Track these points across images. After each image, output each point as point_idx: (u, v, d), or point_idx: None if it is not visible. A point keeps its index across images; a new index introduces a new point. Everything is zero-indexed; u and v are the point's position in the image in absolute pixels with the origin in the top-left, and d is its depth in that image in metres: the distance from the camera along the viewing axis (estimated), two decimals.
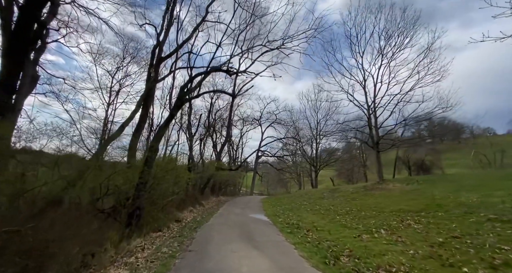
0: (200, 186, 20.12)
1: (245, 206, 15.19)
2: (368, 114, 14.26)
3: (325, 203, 12.08)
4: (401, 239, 5.10)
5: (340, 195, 13.46)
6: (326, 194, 15.21)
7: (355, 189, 13.93)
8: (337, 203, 11.34)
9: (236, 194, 30.08)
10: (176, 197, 13.53)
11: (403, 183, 11.79)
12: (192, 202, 14.87)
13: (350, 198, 11.89)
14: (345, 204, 10.51)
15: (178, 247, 5.77)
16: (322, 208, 10.81)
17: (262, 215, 11.12)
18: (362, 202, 10.15)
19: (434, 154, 46.40)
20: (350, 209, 9.30)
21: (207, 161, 25.87)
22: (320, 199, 13.76)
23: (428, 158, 41.71)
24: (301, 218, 9.33)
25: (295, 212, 11.17)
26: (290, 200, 16.42)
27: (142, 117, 11.70)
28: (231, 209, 13.41)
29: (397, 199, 9.06)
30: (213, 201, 18.36)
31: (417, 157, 42.09)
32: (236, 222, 9.19)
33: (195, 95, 9.47)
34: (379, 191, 11.40)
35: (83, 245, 4.55)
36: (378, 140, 13.83)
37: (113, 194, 7.33)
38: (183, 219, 10.64)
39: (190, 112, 22.12)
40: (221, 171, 21.74)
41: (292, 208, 12.56)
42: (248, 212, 12.22)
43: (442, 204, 7.19)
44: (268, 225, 8.58)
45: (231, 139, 33.33)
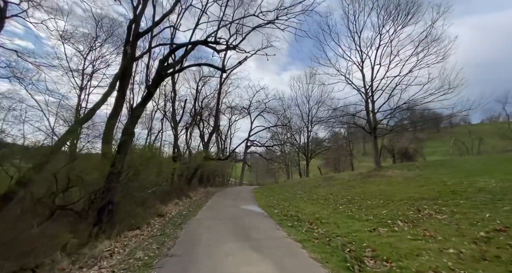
0: (187, 177, 18.85)
1: (236, 197, 14.21)
2: (366, 98, 13.45)
3: (322, 192, 11.32)
4: (428, 233, 4.26)
5: (336, 183, 12.76)
6: (321, 182, 14.51)
7: (351, 177, 13.29)
8: (335, 191, 10.59)
9: (225, 184, 29.11)
10: (160, 189, 12.27)
11: (403, 169, 11.22)
12: (178, 194, 13.66)
13: (348, 186, 11.18)
14: (344, 193, 9.76)
15: (157, 250, 4.64)
16: (320, 197, 10.01)
17: (256, 207, 10.18)
18: (364, 190, 9.42)
19: (417, 142, 47.74)
20: (352, 198, 8.52)
21: (194, 151, 24.52)
22: (315, 187, 13.02)
23: (411, 146, 42.94)
24: (299, 209, 8.45)
25: (291, 202, 10.31)
26: (283, 189, 15.62)
27: (118, 101, 10.13)
28: (221, 201, 12.38)
29: (403, 186, 8.37)
30: (201, 193, 17.23)
31: (400, 145, 43.23)
32: (228, 215, 8.16)
33: (177, 69, 8.09)
34: (379, 178, 10.75)
35: (21, 255, 3.31)
36: (375, 125, 13.12)
37: (77, 187, 5.98)
38: (166, 214, 9.46)
39: (174, 98, 20.48)
40: (209, 161, 20.51)
41: (287, 198, 11.72)
42: (240, 203, 11.24)
43: (458, 191, 6.51)
44: (264, 217, 7.62)
45: (219, 129, 31.92)
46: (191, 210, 9.96)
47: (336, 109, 14.86)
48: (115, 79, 9.64)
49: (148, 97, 7.61)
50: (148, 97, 7.61)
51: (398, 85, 12.98)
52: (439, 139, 55.73)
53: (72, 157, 5.48)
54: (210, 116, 29.17)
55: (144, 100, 7.54)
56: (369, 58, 14.25)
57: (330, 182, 13.85)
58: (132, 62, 11.12)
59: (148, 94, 7.49)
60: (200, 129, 26.55)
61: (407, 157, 40.88)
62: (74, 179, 5.65)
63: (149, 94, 7.55)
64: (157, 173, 12.49)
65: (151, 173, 10.95)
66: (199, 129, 26.49)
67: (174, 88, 20.62)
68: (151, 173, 11.03)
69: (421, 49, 12.31)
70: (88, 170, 5.87)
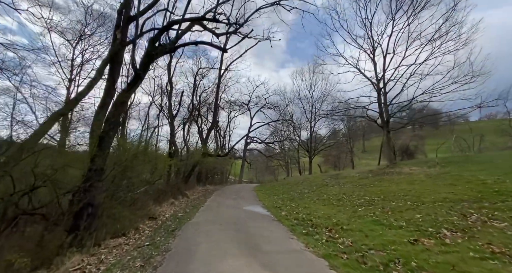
0: (184, 174, 17.80)
1: (237, 196, 13.18)
2: (378, 90, 12.38)
3: (332, 191, 10.30)
4: (497, 249, 3.24)
5: (346, 181, 11.75)
6: (328, 180, 13.50)
7: (362, 174, 12.28)
8: (347, 190, 9.58)
9: (224, 182, 28.10)
10: (153, 188, 11.21)
11: (421, 166, 10.21)
12: (174, 193, 12.61)
13: (361, 185, 10.17)
14: (359, 192, 8.74)
15: (140, 268, 3.59)
16: (332, 197, 8.99)
17: (260, 207, 9.15)
18: (382, 189, 8.41)
19: (418, 140, 46.98)
20: (370, 198, 7.50)
21: (192, 148, 23.41)
22: (323, 186, 12.00)
23: (412, 143, 42.20)
24: (310, 211, 7.43)
25: (299, 202, 9.30)
26: (286, 188, 14.61)
27: (107, 91, 8.99)
28: (221, 200, 11.34)
29: (430, 185, 7.36)
30: (199, 191, 16.19)
31: (401, 142, 42.46)
32: (229, 218, 7.12)
33: (169, 49, 6.96)
34: (395, 176, 9.74)
35: None
36: (388, 118, 12.08)
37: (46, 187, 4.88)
38: (160, 216, 8.41)
39: (171, 91, 19.33)
40: (208, 157, 19.43)
41: (293, 197, 10.70)
42: (241, 203, 10.20)
43: (503, 191, 5.50)
44: (271, 222, 6.58)
45: (217, 125, 30.82)
46: (187, 212, 8.91)
47: (345, 102, 13.79)
48: (103, 65, 8.40)
49: (136, 81, 6.49)
50: (135, 82, 6.49)
51: (413, 74, 11.92)
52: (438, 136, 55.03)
53: (31, 150, 4.36)
54: (208, 111, 28.05)
55: (130, 84, 6.43)
56: (381, 47, 13.17)
57: (338, 180, 12.84)
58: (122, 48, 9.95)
59: (135, 77, 6.37)
60: (198, 125, 25.45)
61: (408, 154, 40.24)
62: (41, 177, 4.56)
63: (137, 78, 6.43)
64: (150, 170, 11.43)
65: (143, 170, 9.88)
66: (197, 124, 25.38)
67: (171, 80, 19.48)
68: (143, 170, 9.96)
69: (439, 35, 11.22)
70: (59, 166, 4.76)
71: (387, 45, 12.78)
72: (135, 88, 6.79)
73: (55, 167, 4.78)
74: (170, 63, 19.33)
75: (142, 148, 10.13)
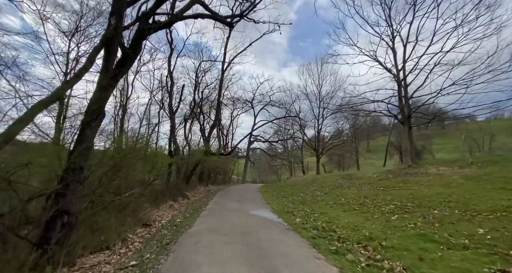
0: (185, 174, 16.75)
1: (242, 197, 12.12)
2: (398, 81, 11.19)
3: (349, 193, 9.17)
4: None
5: (363, 183, 10.61)
6: (341, 181, 12.36)
7: (379, 175, 11.12)
8: (368, 193, 8.44)
9: (227, 182, 27.05)
10: (151, 189, 10.18)
11: (451, 166, 9.03)
12: (174, 194, 11.57)
13: (382, 187, 9.03)
14: (384, 195, 7.60)
15: None
16: (351, 201, 7.86)
17: (269, 212, 8.06)
18: (411, 192, 7.26)
19: (425, 139, 45.40)
20: (402, 204, 6.36)
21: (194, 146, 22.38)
22: (337, 188, 10.87)
23: (420, 142, 40.78)
24: (330, 219, 6.32)
25: (313, 207, 8.19)
26: (295, 189, 13.50)
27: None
28: (225, 203, 10.27)
29: (476, 189, 6.21)
30: (200, 192, 15.15)
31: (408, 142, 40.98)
32: (235, 226, 6.04)
33: (164, 23, 5.90)
34: (423, 177, 8.58)
35: None
36: (409, 113, 10.89)
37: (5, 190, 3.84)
38: (155, 221, 7.36)
39: (172, 85, 18.28)
40: (211, 156, 18.37)
41: (305, 200, 9.58)
42: (247, 206, 9.13)
43: None
44: (286, 232, 5.49)
45: (220, 123, 29.79)
46: (187, 217, 7.85)
47: (358, 96, 12.59)
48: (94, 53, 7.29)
49: (124, 62, 5.42)
50: (124, 62, 5.42)
51: (437, 64, 10.70)
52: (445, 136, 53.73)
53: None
54: (211, 109, 27.02)
55: (117, 65, 5.36)
56: (400, 35, 11.97)
57: (353, 181, 11.70)
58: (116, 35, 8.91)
59: (123, 57, 5.32)
60: (200, 122, 24.44)
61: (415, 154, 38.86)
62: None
63: (125, 58, 5.37)
64: (147, 170, 10.40)
65: (139, 170, 8.85)
66: (199, 122, 24.36)
67: (171, 75, 18.46)
68: (139, 169, 8.94)
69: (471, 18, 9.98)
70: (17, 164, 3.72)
71: (407, 33, 11.58)
72: (123, 72, 5.73)
73: (17, 165, 3.73)
74: (171, 56, 18.33)
75: (139, 144, 9.10)
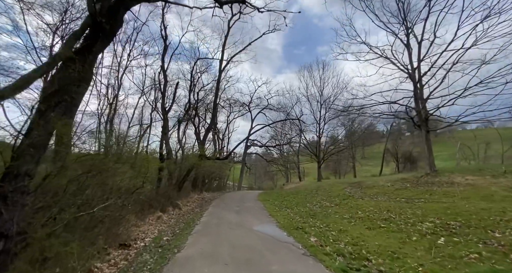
0: (177, 180, 15.33)
1: (241, 207, 10.80)
2: (414, 81, 10.24)
3: (365, 205, 7.99)
4: None
5: (377, 192, 9.47)
6: (349, 190, 11.20)
7: (394, 184, 10.01)
8: (389, 206, 7.27)
9: (222, 188, 25.59)
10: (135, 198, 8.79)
11: (482, 174, 7.99)
12: (163, 203, 10.18)
13: (403, 198, 7.90)
14: (410, 209, 6.44)
15: None
16: (372, 216, 6.68)
17: (275, 227, 6.79)
18: (442, 206, 6.13)
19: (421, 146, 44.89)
20: (440, 222, 5.21)
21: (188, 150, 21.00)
22: (348, 198, 9.68)
23: (416, 150, 40.29)
24: (353, 238, 5.11)
25: (325, 220, 6.97)
26: (299, 198, 12.26)
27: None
28: (222, 215, 8.94)
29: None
30: (194, 200, 13.75)
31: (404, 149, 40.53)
32: (237, 250, 4.76)
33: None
34: (450, 188, 7.50)
35: None
36: (426, 115, 9.91)
37: None
38: (138, 239, 5.99)
39: (165, 84, 17.05)
40: (206, 161, 17.03)
41: (315, 213, 8.35)
42: (249, 220, 7.83)
43: None
44: (305, 260, 4.23)
45: (216, 127, 28.54)
46: (177, 233, 6.51)
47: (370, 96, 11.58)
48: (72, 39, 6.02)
49: (96, 34, 4.17)
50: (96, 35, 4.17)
51: (456, 63, 9.81)
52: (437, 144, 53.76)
53: None
54: (206, 112, 25.80)
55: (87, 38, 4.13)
56: (413, 33, 11.11)
57: (364, 190, 10.55)
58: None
59: (95, 28, 4.08)
60: (195, 125, 23.14)
61: (410, 161, 38.36)
62: None
63: (98, 30, 4.13)
64: (133, 176, 9.03)
65: (121, 176, 7.50)
66: (194, 125, 23.07)
67: (165, 73, 17.27)
68: (120, 175, 7.59)
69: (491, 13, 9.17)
70: None
71: (422, 29, 10.73)
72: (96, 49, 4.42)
73: None
74: (165, 53, 17.19)
75: (121, 145, 7.78)
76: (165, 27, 17.08)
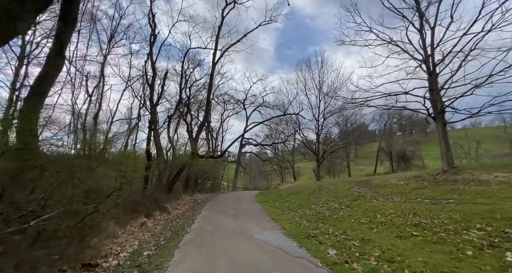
0: (168, 180, 13.98)
1: (237, 210, 9.60)
2: (429, 70, 9.30)
3: (382, 207, 6.94)
4: None
5: (391, 192, 8.47)
6: (358, 189, 10.18)
7: (409, 182, 9.04)
8: (413, 208, 6.24)
9: (217, 189, 24.29)
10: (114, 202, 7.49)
11: (509, 171, 7.10)
12: (149, 207, 8.89)
13: (427, 198, 6.90)
14: (443, 213, 5.43)
15: None
16: (396, 220, 5.63)
17: (280, 235, 5.65)
18: (484, 208, 5.13)
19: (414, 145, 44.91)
20: (492, 229, 4.19)
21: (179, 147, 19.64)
22: (359, 198, 8.64)
23: (409, 149, 40.06)
24: (384, 251, 4.02)
25: (339, 226, 5.88)
26: (301, 198, 11.16)
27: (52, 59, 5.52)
28: (217, 219, 7.72)
29: None
30: (185, 202, 12.45)
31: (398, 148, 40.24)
32: (238, 269, 3.59)
33: None
34: (483, 186, 6.53)
35: None
36: (442, 107, 8.99)
37: None
38: (110, 255, 4.73)
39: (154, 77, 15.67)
40: (198, 159, 15.73)
41: (324, 216, 7.25)
42: (248, 226, 6.66)
43: None
44: None
45: (210, 125, 27.21)
46: (161, 246, 5.27)
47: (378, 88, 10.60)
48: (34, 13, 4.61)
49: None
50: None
51: (474, 49, 8.92)
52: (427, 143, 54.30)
53: None
54: (199, 110, 24.45)
55: None
56: (425, 18, 10.20)
57: (375, 189, 9.54)
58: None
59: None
60: (188, 122, 21.77)
61: (404, 160, 38.09)
62: None
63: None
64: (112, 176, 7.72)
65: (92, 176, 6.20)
66: (186, 122, 21.71)
67: (154, 65, 15.88)
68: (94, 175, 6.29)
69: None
70: None
71: (435, 13, 9.82)
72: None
73: None
74: (153, 44, 15.85)
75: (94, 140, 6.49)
76: (153, 15, 15.77)
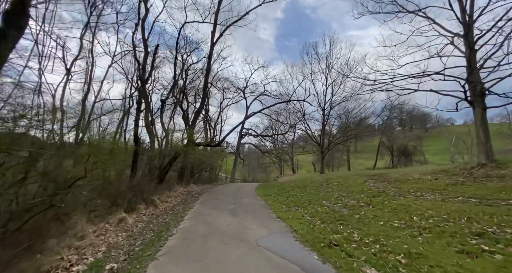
0: (160, 169, 12.63)
1: (236, 204, 8.30)
2: (469, 44, 7.79)
3: (414, 206, 5.64)
4: None
5: (419, 188, 7.17)
6: (373, 184, 8.90)
7: (438, 177, 7.73)
8: (459, 209, 4.96)
9: (214, 180, 23.04)
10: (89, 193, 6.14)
11: None
12: (131, 200, 7.54)
13: (469, 197, 5.58)
14: (508, 217, 4.11)
15: None
16: (444, 226, 4.33)
17: (292, 241, 4.33)
18: None
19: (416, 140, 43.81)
20: None
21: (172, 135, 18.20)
22: (379, 194, 7.34)
23: (411, 143, 39.02)
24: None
25: (366, 231, 4.58)
26: (308, 192, 9.87)
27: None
28: (212, 217, 6.40)
29: None
30: (178, 194, 11.13)
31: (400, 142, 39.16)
32: None
33: None
34: None
35: None
36: (482, 89, 7.57)
37: None
38: (58, 270, 3.41)
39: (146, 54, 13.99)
40: (195, 147, 14.35)
41: (341, 215, 5.93)
42: (251, 226, 5.34)
43: None
44: None
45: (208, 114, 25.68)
46: (132, 255, 3.93)
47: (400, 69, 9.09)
48: None
49: None
50: None
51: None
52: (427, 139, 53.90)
53: None
54: (196, 97, 22.82)
55: None
56: None
57: (395, 184, 8.24)
58: None
59: None
60: (184, 109, 20.21)
61: (405, 154, 37.12)
62: None
63: None
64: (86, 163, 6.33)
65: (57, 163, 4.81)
66: (182, 109, 20.15)
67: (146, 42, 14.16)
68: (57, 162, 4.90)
69: None
70: None
71: None
72: None
73: None
74: (145, 18, 14.07)
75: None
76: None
